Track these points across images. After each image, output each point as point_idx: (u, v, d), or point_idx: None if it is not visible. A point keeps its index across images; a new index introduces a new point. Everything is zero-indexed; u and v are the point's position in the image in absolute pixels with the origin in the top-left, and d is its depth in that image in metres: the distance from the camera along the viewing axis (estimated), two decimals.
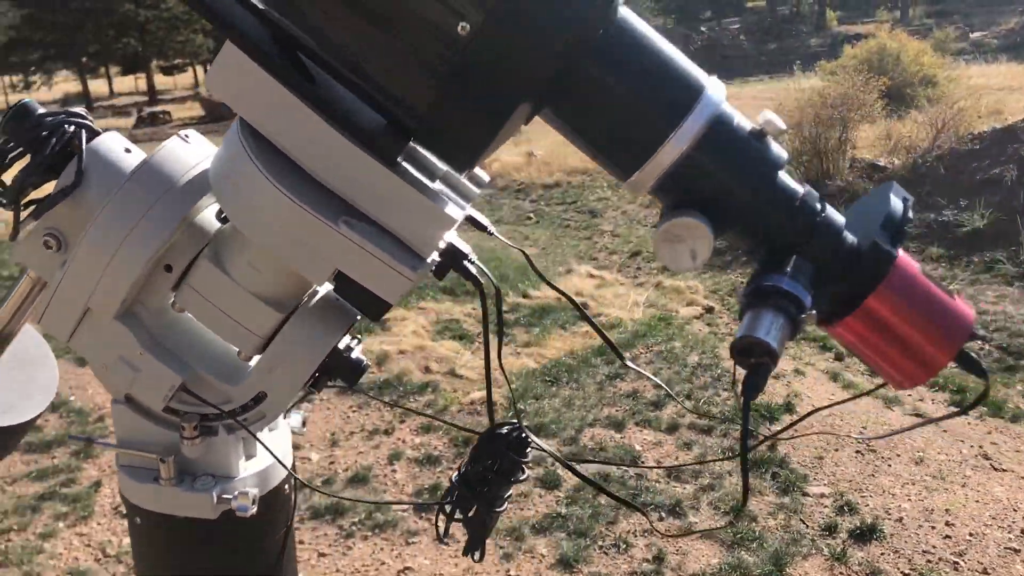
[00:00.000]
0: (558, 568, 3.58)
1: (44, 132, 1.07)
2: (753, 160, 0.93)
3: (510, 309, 7.02)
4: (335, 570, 3.58)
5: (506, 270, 8.10)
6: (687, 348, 6.13)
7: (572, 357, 5.90)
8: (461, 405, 5.06)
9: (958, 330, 0.95)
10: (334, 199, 0.97)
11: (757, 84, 26.90)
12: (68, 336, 1.11)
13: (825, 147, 11.55)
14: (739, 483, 4.23)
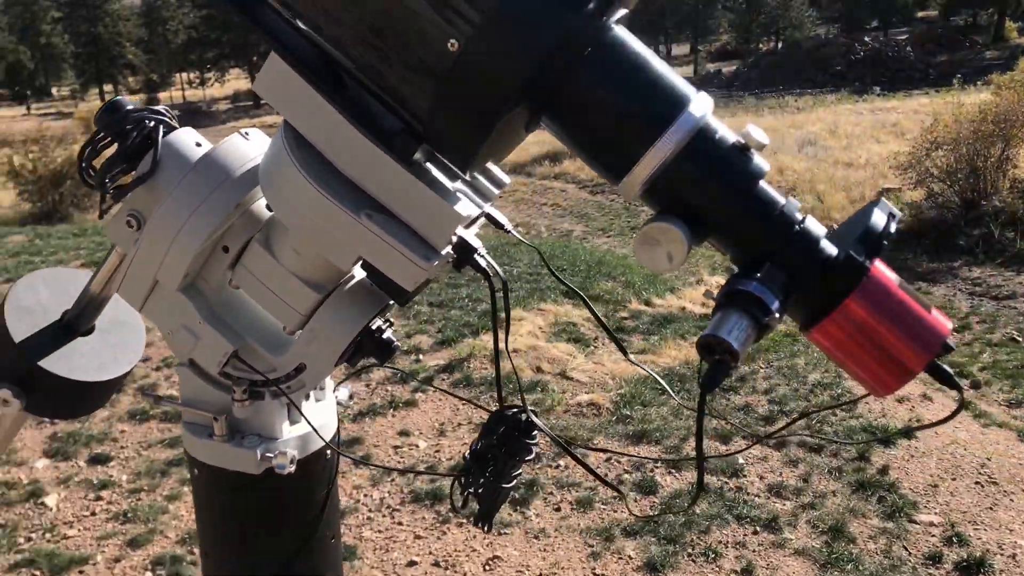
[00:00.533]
0: (644, 571, 3.62)
1: (128, 125, 1.23)
2: (732, 171, 0.98)
3: (631, 316, 7.06)
4: (428, 552, 3.74)
5: (632, 277, 8.14)
6: (809, 366, 6.00)
7: (687, 367, 5.88)
8: (568, 406, 5.15)
9: (929, 341, 0.98)
10: (359, 193, 1.09)
11: (921, 97, 25.79)
12: (140, 305, 1.28)
13: (983, 165, 10.99)
14: (841, 503, 4.15)
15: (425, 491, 4.16)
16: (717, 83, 44.25)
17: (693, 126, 0.97)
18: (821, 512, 4.07)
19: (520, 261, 8.84)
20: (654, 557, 3.67)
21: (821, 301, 0.99)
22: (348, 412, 5.09)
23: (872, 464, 4.56)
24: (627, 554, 3.73)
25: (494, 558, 3.70)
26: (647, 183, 0.99)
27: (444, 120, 0.97)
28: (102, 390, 1.49)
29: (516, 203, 18.12)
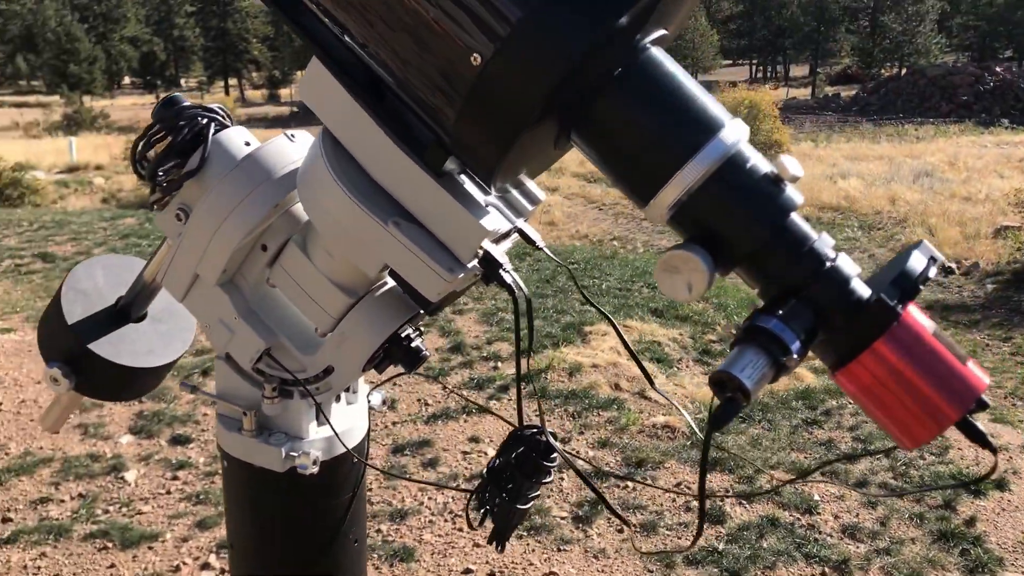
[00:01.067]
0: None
1: (181, 121, 1.27)
2: (761, 202, 0.95)
3: (720, 339, 6.91)
4: (485, 561, 3.73)
5: (726, 299, 7.98)
6: None
7: (771, 396, 5.72)
8: (643, 426, 5.07)
9: (962, 395, 0.92)
10: (389, 202, 1.09)
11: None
12: (182, 296, 1.31)
13: None
14: (920, 551, 3.96)
15: None
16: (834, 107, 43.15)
17: (723, 153, 0.94)
18: (897, 559, 3.90)
19: (610, 275, 8.78)
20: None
21: (849, 343, 0.94)
22: (422, 414, 5.13)
23: (958, 514, 4.34)
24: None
25: (550, 573, 3.67)
26: (673, 208, 0.96)
27: (468, 133, 0.96)
28: (149, 376, 1.53)
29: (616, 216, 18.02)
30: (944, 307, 9.67)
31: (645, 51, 0.97)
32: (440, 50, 0.93)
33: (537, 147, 1.04)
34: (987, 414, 5.89)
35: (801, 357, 0.94)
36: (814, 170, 19.71)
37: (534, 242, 1.22)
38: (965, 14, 62.13)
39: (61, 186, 21.48)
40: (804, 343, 0.93)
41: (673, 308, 7.53)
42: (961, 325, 8.98)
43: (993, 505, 4.46)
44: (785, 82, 63.19)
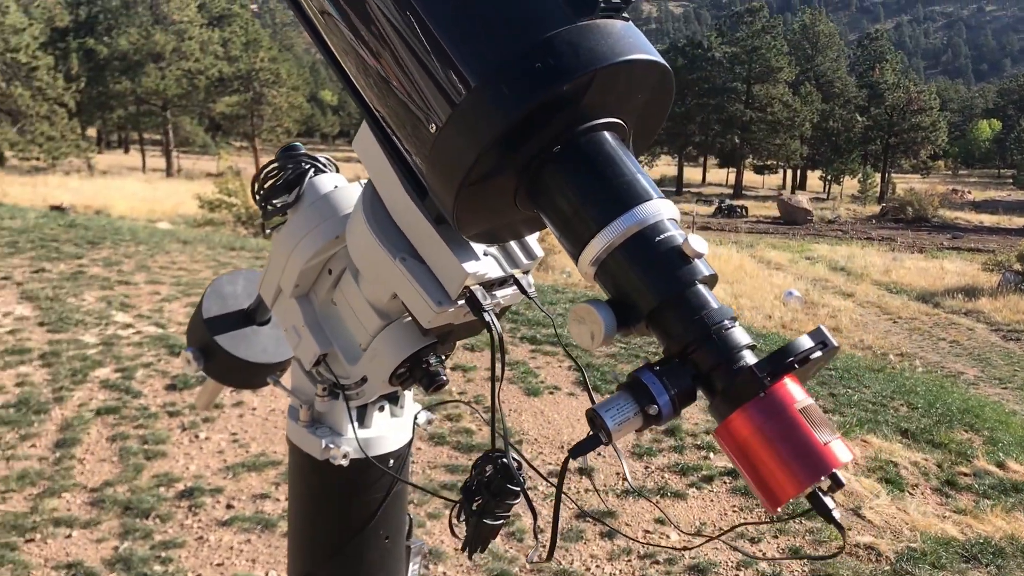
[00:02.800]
0: None
1: (290, 164, 1.58)
2: (662, 270, 1.07)
3: (973, 474, 6.33)
4: None
5: (1000, 434, 7.28)
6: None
7: (1011, 543, 5.18)
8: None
9: (816, 466, 0.97)
10: (403, 241, 1.31)
11: None
12: (271, 304, 1.60)
13: None
14: None
15: None
16: None
17: (636, 223, 1.08)
18: None
19: (868, 388, 8.32)
20: None
21: (724, 405, 1.03)
22: (616, 486, 5.20)
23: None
24: None
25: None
26: (594, 266, 1.11)
27: (431, 184, 1.18)
28: (260, 370, 1.85)
29: (910, 331, 16.90)
30: None
31: (589, 132, 1.13)
32: (416, 118, 1.15)
33: (499, 204, 1.21)
34: None
35: (669, 411, 1.03)
36: None
37: (526, 291, 1.38)
38: None
39: None
40: (675, 399, 1.03)
41: (928, 432, 7.02)
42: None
43: None
44: None
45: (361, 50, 1.22)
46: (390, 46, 1.17)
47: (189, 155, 56.63)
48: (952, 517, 5.40)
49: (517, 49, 1.07)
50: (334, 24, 1.27)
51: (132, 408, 5.50)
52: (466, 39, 1.11)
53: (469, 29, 1.12)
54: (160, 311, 7.96)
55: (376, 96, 1.25)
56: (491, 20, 1.11)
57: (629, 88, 1.14)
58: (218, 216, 20.35)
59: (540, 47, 1.06)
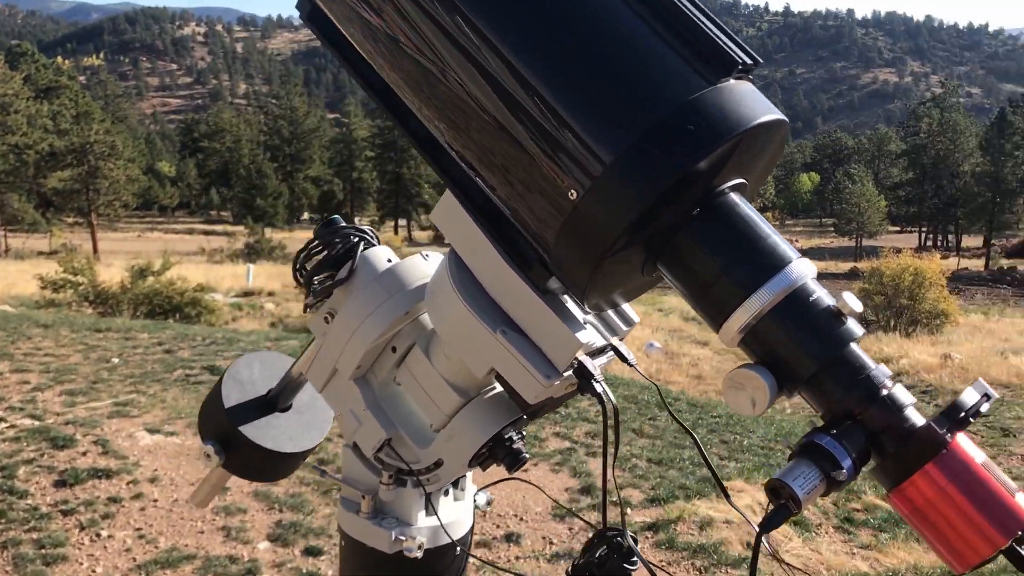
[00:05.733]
0: None
1: (337, 239, 1.49)
2: (819, 332, 1.06)
3: (864, 508, 6.62)
4: None
5: None
6: None
7: (915, 572, 5.42)
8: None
9: (1007, 522, 0.97)
10: (500, 313, 1.26)
11: None
12: (321, 388, 1.50)
13: None
14: None
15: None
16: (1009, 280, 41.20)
17: (787, 286, 1.06)
18: None
19: (753, 433, 8.61)
20: None
21: (901, 466, 1.02)
22: (545, 551, 5.14)
23: None
24: None
25: None
26: (742, 332, 1.09)
27: (563, 255, 1.13)
28: (288, 461, 1.72)
29: None
30: None
31: (723, 195, 1.12)
32: (546, 187, 1.11)
33: (627, 272, 1.19)
34: None
35: (851, 475, 1.02)
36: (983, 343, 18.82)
37: (626, 359, 1.34)
38: None
39: (235, 308, 23.07)
40: (855, 461, 1.02)
41: None
42: None
43: None
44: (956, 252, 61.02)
45: (472, 114, 1.17)
46: (516, 109, 1.12)
47: (18, 234, 53.35)
48: (860, 553, 5.61)
49: (663, 112, 1.05)
50: (433, 81, 1.21)
51: (19, 510, 5.03)
52: (604, 101, 1.08)
53: (607, 90, 1.09)
54: (33, 401, 7.38)
55: (481, 164, 1.21)
56: (630, 80, 1.09)
57: (761, 148, 1.14)
58: (61, 296, 19.17)
59: (686, 110, 1.04)
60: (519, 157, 1.13)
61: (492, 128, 1.14)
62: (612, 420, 1.27)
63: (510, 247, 1.24)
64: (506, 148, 1.14)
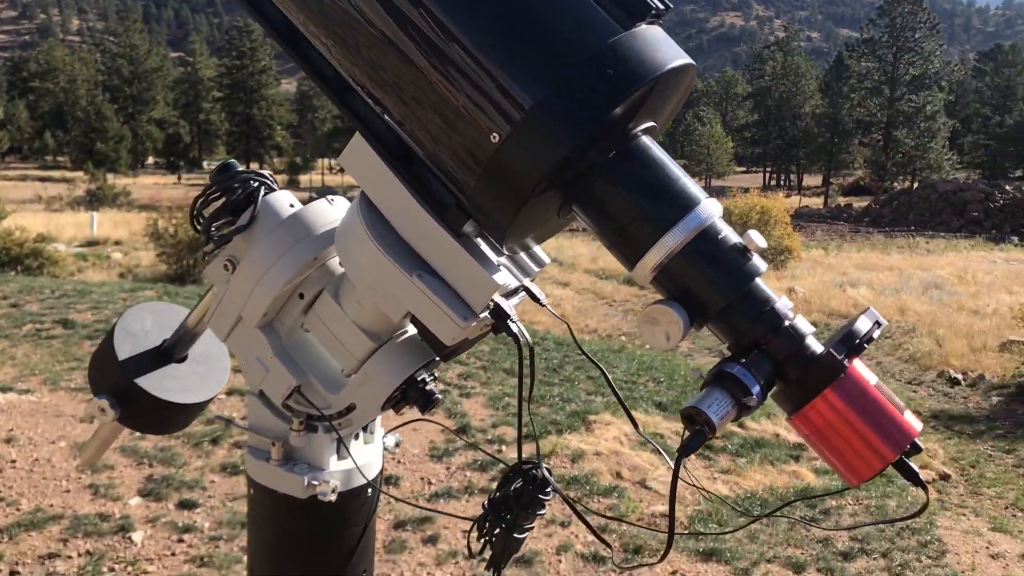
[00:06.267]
0: None
1: (236, 184, 1.45)
2: (728, 268, 1.12)
3: (722, 437, 6.99)
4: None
5: None
6: (900, 509, 5.82)
7: (771, 493, 5.79)
8: (642, 515, 5.14)
9: (898, 438, 1.07)
10: (414, 257, 1.26)
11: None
12: (225, 336, 1.47)
13: None
14: None
15: None
16: (846, 217, 43.70)
17: (698, 225, 1.12)
18: None
19: (617, 368, 8.92)
20: None
21: (803, 391, 1.10)
22: (424, 491, 5.22)
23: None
24: None
25: None
26: (655, 271, 1.13)
27: (483, 199, 1.14)
28: (185, 412, 1.69)
29: (625, 313, 18.16)
30: (949, 417, 9.72)
31: (636, 139, 1.15)
32: (465, 129, 1.12)
33: (543, 215, 1.21)
34: (987, 521, 5.94)
35: (760, 400, 1.09)
36: (824, 277, 19.92)
37: (538, 299, 1.38)
38: (976, 133, 63.39)
39: (80, 259, 21.89)
40: (763, 388, 1.09)
41: (677, 403, 7.64)
42: (965, 435, 9.02)
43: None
44: (798, 191, 64.11)
45: (392, 57, 1.16)
46: (436, 54, 1.12)
47: None
48: (721, 477, 5.95)
49: (583, 56, 1.07)
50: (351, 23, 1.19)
51: None
52: (525, 45, 1.10)
53: (528, 35, 1.10)
54: None
55: (398, 106, 1.20)
56: (551, 24, 1.10)
57: (672, 92, 1.18)
58: None
59: (606, 54, 1.07)
60: (439, 100, 1.13)
61: (413, 72, 1.14)
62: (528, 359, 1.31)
63: (424, 190, 1.24)
64: (427, 92, 1.14)
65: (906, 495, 6.15)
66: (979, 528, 5.76)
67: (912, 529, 5.43)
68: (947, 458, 7.99)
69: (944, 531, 5.53)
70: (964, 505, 6.48)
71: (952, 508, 6.29)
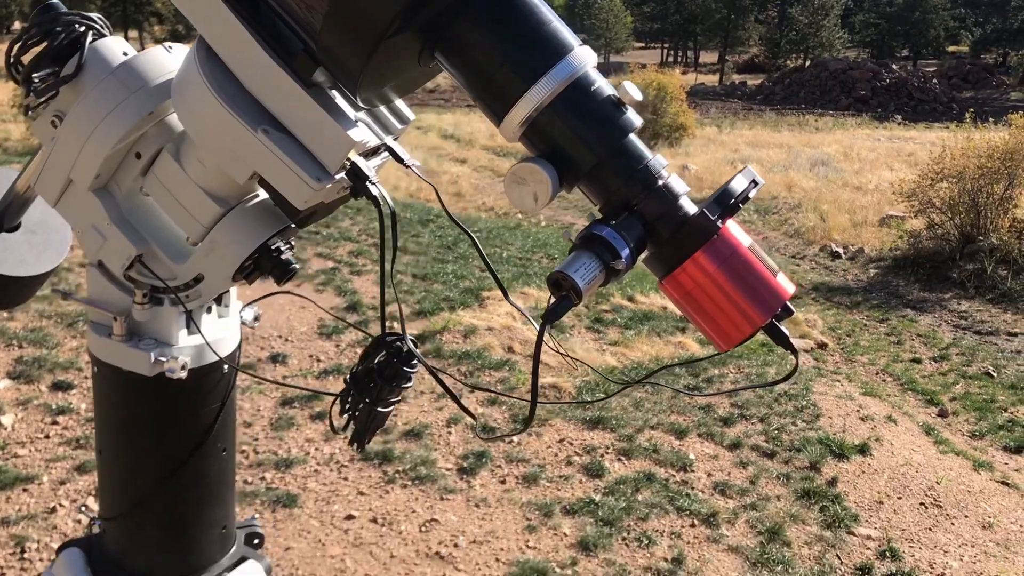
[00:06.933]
0: (576, 548, 3.68)
1: (58, 27, 1.28)
2: (601, 122, 1.03)
3: (612, 309, 7.10)
4: (368, 508, 3.80)
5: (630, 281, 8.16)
6: (779, 375, 6.05)
7: (656, 363, 5.94)
8: None
9: (769, 301, 1.03)
10: (260, 111, 1.13)
11: (941, 131, 25.74)
12: (55, 201, 1.32)
13: (985, 201, 10.98)
14: (783, 507, 4.20)
15: (376, 451, 4.22)
16: (740, 95, 44.18)
17: (569, 75, 1.02)
18: (762, 514, 4.13)
19: (512, 245, 8.90)
20: (588, 537, 3.73)
21: (674, 253, 1.04)
22: (313, 369, 5.15)
23: (822, 475, 4.61)
24: (563, 531, 3.79)
25: (432, 520, 3.76)
26: (524, 125, 1.04)
27: (332, 41, 1.02)
28: (19, 286, 1.54)
29: None
30: (829, 289, 10.10)
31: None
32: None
33: (402, 62, 1.10)
34: (859, 386, 6.24)
35: (629, 264, 1.03)
36: (716, 154, 20.18)
37: (402, 160, 1.27)
38: (867, 11, 64.35)
39: None
40: (633, 251, 1.03)
41: None
42: (843, 306, 9.40)
43: (854, 468, 4.75)
44: (695, 68, 64.31)
45: None
46: None
47: None
48: (609, 349, 6.05)
49: None
50: None
51: None
52: None
53: None
54: None
55: None
56: None
57: None
58: None
59: None
60: None
61: None
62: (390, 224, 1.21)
63: (269, 34, 1.10)
64: None
65: (785, 363, 6.41)
66: (851, 393, 6.04)
67: (789, 395, 5.67)
68: (825, 328, 8.32)
69: (819, 396, 5.79)
70: (839, 372, 6.78)
71: (828, 375, 6.58)
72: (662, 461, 4.51)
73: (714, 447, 4.77)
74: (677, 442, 4.77)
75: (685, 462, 4.51)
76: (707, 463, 4.57)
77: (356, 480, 4.00)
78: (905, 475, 4.78)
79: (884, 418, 5.63)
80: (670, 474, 4.39)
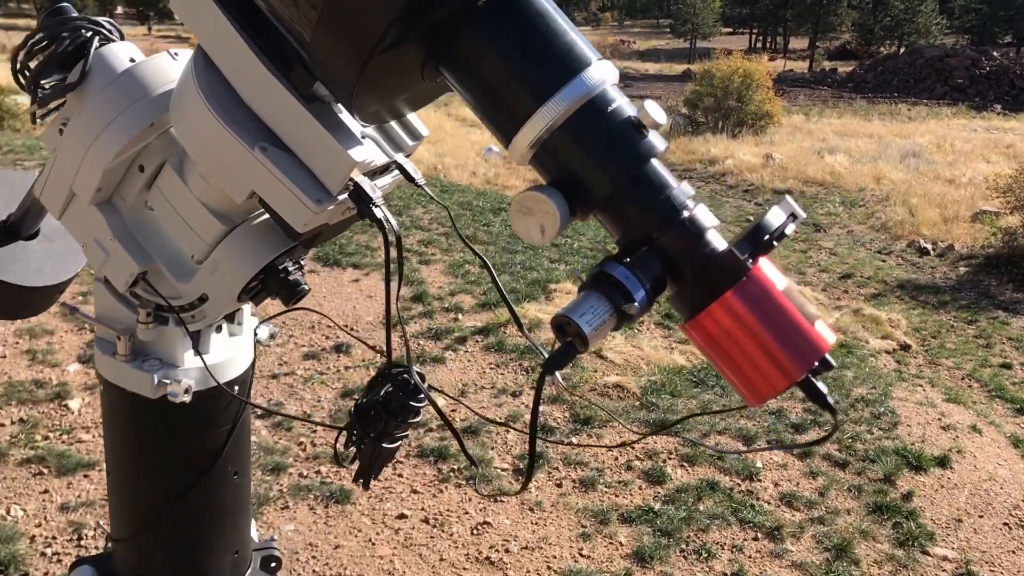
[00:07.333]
0: (632, 559, 3.56)
1: (64, 32, 1.22)
2: (618, 146, 0.92)
3: None
4: (421, 507, 3.75)
5: None
6: (857, 380, 5.80)
7: None
8: (595, 385, 5.08)
9: (805, 353, 0.91)
10: (259, 126, 1.05)
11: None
12: (59, 214, 1.27)
13: None
14: (853, 522, 4.01)
15: (431, 448, 4.17)
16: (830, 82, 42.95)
17: (584, 93, 0.92)
18: (830, 528, 3.94)
19: (584, 235, 8.75)
20: (645, 547, 3.61)
21: (699, 294, 0.93)
22: (376, 360, 5.13)
23: (897, 488, 4.39)
24: (619, 540, 3.67)
25: (484, 523, 3.69)
26: (533, 148, 0.94)
27: (323, 51, 0.94)
28: (38, 295, 1.50)
29: None
30: (915, 287, 9.69)
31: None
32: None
33: (404, 75, 1.01)
34: (942, 392, 5.95)
35: (644, 307, 0.92)
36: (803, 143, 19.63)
37: (413, 179, 1.18)
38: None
39: None
40: (650, 292, 0.92)
41: None
42: (930, 306, 9.01)
43: (932, 481, 4.52)
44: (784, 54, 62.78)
45: None
46: None
47: None
48: (678, 348, 5.88)
49: None
50: None
51: None
52: None
53: None
54: None
55: None
56: None
57: None
58: None
59: None
60: None
61: None
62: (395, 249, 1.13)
63: (270, 47, 1.02)
64: None
65: (864, 365, 6.15)
66: (933, 399, 5.76)
67: (866, 400, 5.43)
68: (909, 328, 7.97)
69: (898, 402, 5.53)
70: (921, 376, 6.49)
71: (909, 379, 6.29)
72: (727, 469, 4.35)
73: (783, 455, 4.58)
74: (744, 447, 4.60)
75: (751, 470, 4.35)
76: (775, 472, 4.40)
77: (411, 477, 3.95)
78: (988, 491, 4.53)
79: (968, 428, 5.35)
80: (735, 483, 4.23)
